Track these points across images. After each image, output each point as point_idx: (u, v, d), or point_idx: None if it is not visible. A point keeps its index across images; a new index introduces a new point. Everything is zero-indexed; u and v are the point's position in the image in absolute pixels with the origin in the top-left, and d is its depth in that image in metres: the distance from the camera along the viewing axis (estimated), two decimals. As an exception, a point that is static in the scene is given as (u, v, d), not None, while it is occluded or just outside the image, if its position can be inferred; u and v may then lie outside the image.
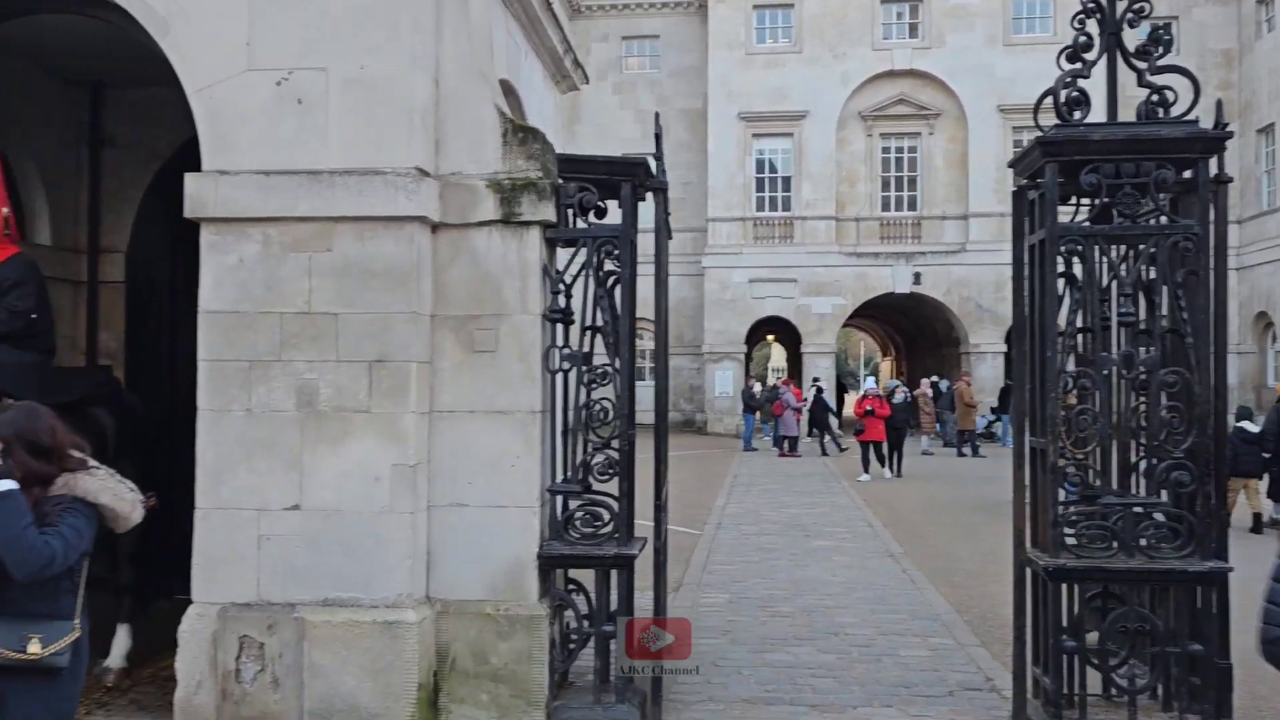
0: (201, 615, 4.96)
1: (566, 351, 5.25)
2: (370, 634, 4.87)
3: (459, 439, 5.14)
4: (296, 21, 4.98)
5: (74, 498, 3.25)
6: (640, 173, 5.28)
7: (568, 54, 7.80)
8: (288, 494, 4.96)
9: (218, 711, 4.92)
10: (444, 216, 5.11)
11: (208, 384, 5.02)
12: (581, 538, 5.23)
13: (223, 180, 4.99)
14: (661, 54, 31.78)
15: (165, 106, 8.23)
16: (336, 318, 4.96)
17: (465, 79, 5.21)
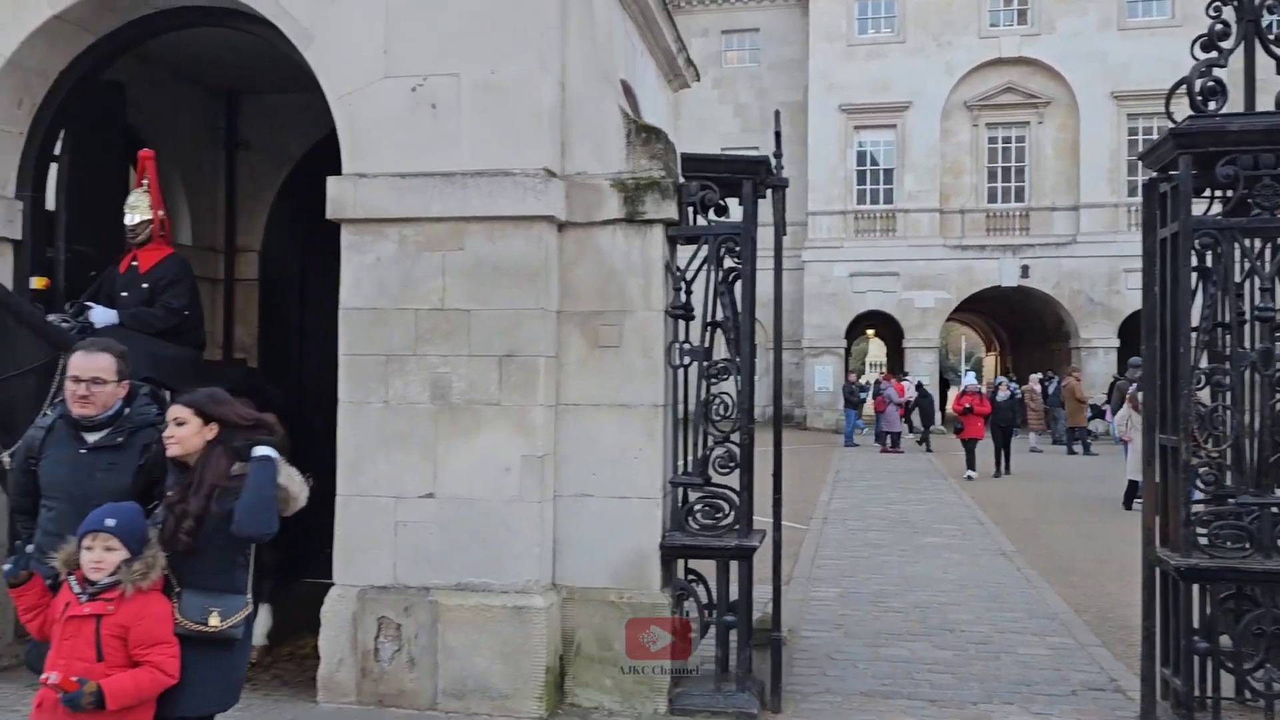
0: (342, 596, 5.22)
1: (688, 347, 5.36)
2: (500, 618, 5.06)
3: (584, 431, 5.29)
4: (430, 30, 5.19)
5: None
6: (762, 170, 5.34)
7: (681, 52, 7.89)
8: (423, 483, 5.18)
9: (358, 688, 5.18)
10: (570, 215, 5.26)
11: (347, 377, 5.27)
12: (702, 529, 5.34)
13: (361, 183, 5.23)
14: (761, 47, 31.64)
15: (295, 111, 8.64)
16: (468, 314, 5.16)
17: (590, 81, 5.35)
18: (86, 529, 3.15)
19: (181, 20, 5.81)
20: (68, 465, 3.51)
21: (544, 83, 5.13)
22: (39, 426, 3.62)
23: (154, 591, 3.18)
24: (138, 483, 3.48)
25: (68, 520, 3.40)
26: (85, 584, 3.15)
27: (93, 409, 3.48)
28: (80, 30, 5.75)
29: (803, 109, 30.38)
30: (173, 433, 3.33)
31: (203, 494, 3.25)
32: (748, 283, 5.32)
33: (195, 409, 3.35)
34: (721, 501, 5.35)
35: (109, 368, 3.51)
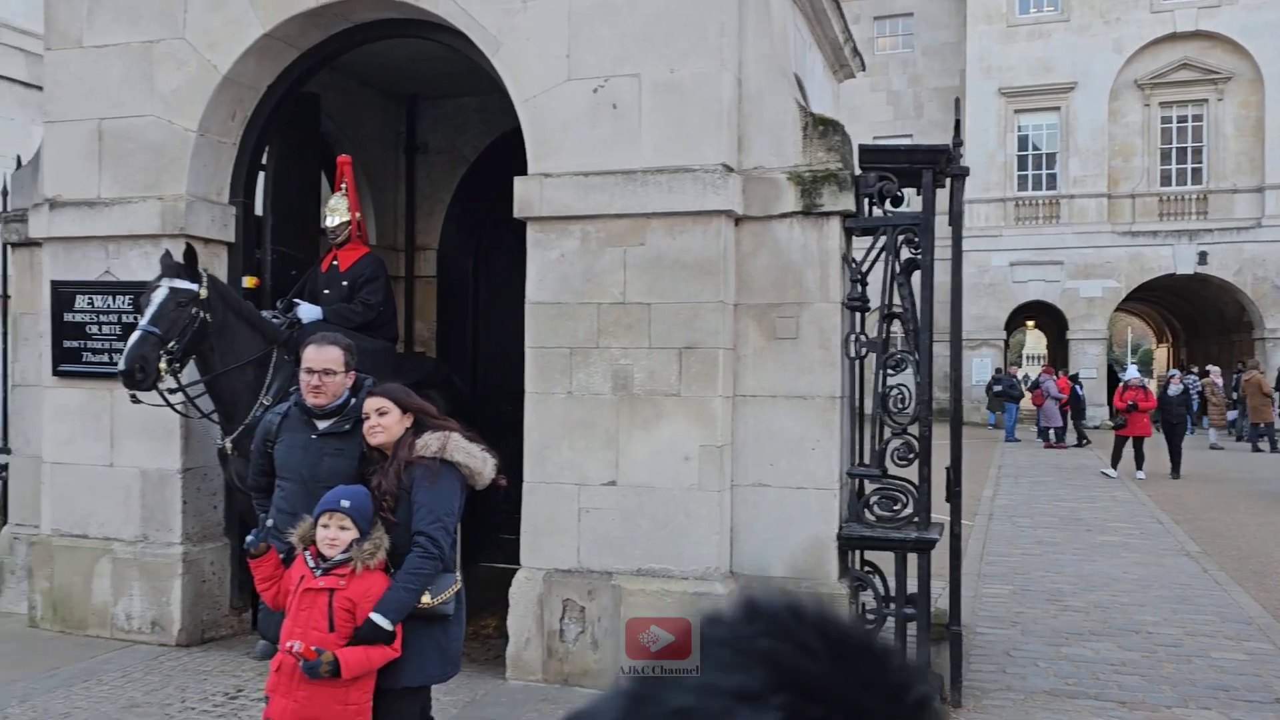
0: (529, 579, 5.46)
1: (864, 338, 5.36)
2: (681, 604, 5.19)
3: (760, 422, 5.37)
4: (611, 33, 5.35)
5: (442, 460, 3.50)
6: (942, 159, 5.29)
7: (847, 43, 7.85)
8: (604, 470, 5.36)
9: (543, 666, 5.41)
10: (747, 209, 5.34)
11: (533, 369, 5.50)
12: (879, 521, 5.34)
13: (546, 182, 5.44)
14: (915, 32, 30.84)
15: (470, 115, 9.04)
16: (649, 307, 5.30)
17: (767, 76, 5.40)
18: (323, 508, 3.40)
19: (378, 33, 6.16)
20: (300, 449, 3.79)
21: (722, 80, 5.22)
22: (275, 413, 3.92)
23: (379, 570, 3.42)
24: (360, 467, 3.73)
25: (299, 499, 3.69)
26: (319, 559, 3.40)
27: (324, 398, 3.74)
28: (287, 46, 6.17)
29: (959, 94, 29.47)
30: (376, 422, 3.54)
31: (394, 471, 3.47)
32: (927, 273, 5.27)
33: (395, 400, 3.57)
34: (899, 493, 5.34)
35: (338, 360, 3.78)
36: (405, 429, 3.55)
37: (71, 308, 6.33)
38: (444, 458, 3.49)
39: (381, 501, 3.48)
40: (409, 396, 3.61)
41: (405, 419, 3.56)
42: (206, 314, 5.21)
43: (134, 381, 5.04)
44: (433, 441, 3.51)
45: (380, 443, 3.55)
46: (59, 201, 6.37)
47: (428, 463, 3.48)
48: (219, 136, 6.27)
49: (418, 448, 3.50)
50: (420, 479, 3.46)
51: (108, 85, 6.28)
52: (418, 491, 3.45)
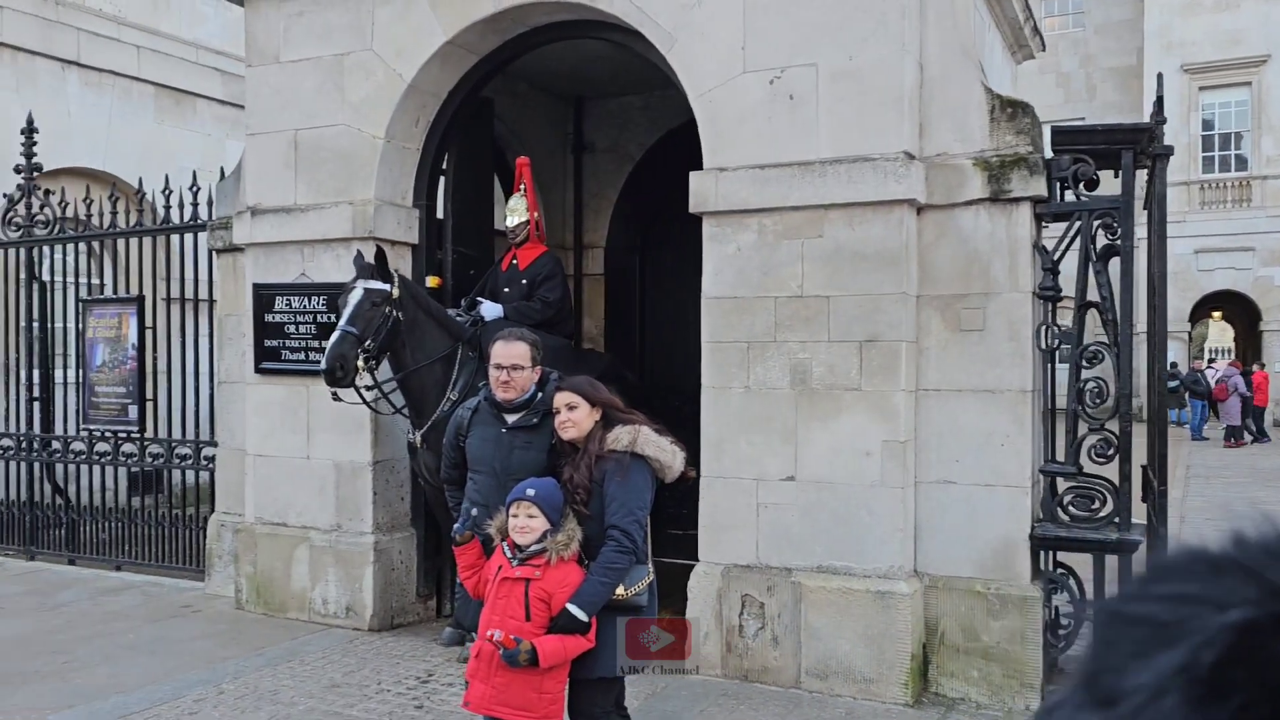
0: (707, 573, 5.46)
1: (1058, 329, 5.12)
2: (864, 602, 5.09)
3: (945, 417, 5.20)
4: (788, 23, 5.28)
5: (633, 454, 3.51)
6: (1144, 138, 4.99)
7: (1027, 21, 7.52)
8: (783, 465, 5.31)
9: (723, 662, 5.39)
10: (929, 198, 5.17)
11: (710, 363, 5.50)
12: (1074, 520, 5.09)
13: (722, 176, 5.42)
14: (1086, 9, 29.35)
15: (634, 113, 9.13)
16: (828, 300, 5.22)
17: (950, 59, 5.23)
18: (513, 497, 3.48)
19: (552, 35, 6.28)
20: (491, 443, 3.88)
21: (904, 64, 5.08)
22: (466, 407, 4.02)
23: (573, 561, 3.47)
24: (550, 460, 3.79)
25: (491, 491, 3.79)
26: (515, 549, 3.48)
27: (513, 393, 3.82)
28: (466, 53, 6.37)
29: (1135, 73, 27.88)
30: (566, 417, 3.59)
31: (585, 465, 3.52)
32: (1127, 260, 5.00)
33: (584, 395, 3.62)
34: (1096, 492, 5.08)
35: (525, 355, 3.85)
36: (595, 422, 3.60)
37: (271, 309, 6.72)
38: (635, 451, 3.51)
39: (574, 495, 3.52)
40: (597, 390, 3.65)
41: (594, 413, 3.61)
42: (399, 312, 5.43)
43: (335, 379, 5.30)
44: (624, 435, 3.54)
45: (571, 437, 3.61)
46: (259, 209, 6.77)
47: (619, 456, 3.51)
48: (404, 142, 6.53)
49: (608, 441, 3.54)
50: (612, 472, 3.50)
51: (302, 97, 6.63)
52: (609, 485, 3.49)
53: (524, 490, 3.49)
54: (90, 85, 11.94)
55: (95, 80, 11.98)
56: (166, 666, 5.66)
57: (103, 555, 8.32)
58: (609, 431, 3.57)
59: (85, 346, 8.37)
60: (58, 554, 8.56)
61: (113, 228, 8.22)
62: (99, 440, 8.28)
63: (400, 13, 6.30)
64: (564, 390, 3.65)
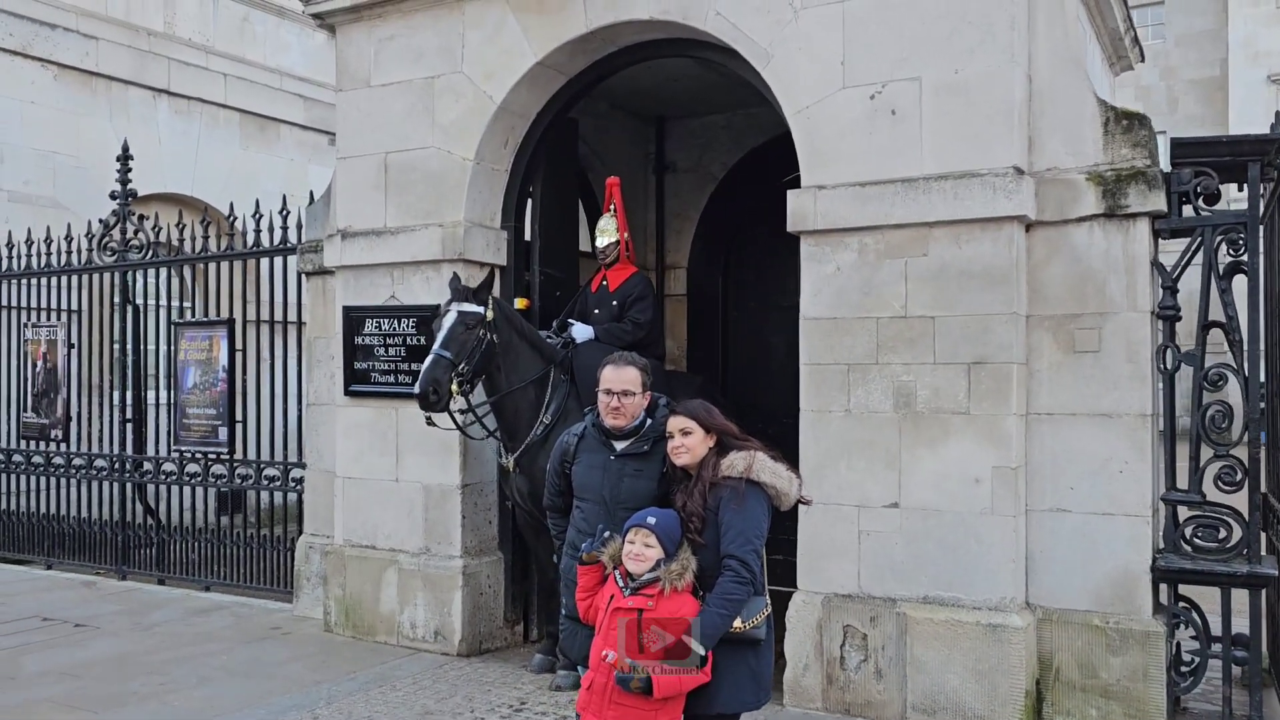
0: (807, 603, 5.29)
1: (1179, 350, 4.88)
2: (973, 635, 4.88)
3: (1058, 442, 4.98)
4: (889, 36, 5.14)
5: (748, 480, 3.39)
6: (1273, 150, 4.75)
7: (1128, 32, 7.28)
8: (886, 492, 5.13)
9: (823, 695, 5.22)
10: (1039, 214, 4.98)
11: (809, 386, 5.35)
12: (1199, 551, 4.83)
13: (820, 194, 5.29)
14: (1166, 21, 28.69)
15: (716, 132, 9.05)
16: (933, 320, 5.04)
17: (1061, 70, 5.04)
18: (631, 524, 3.39)
19: (642, 55, 6.22)
20: (599, 470, 3.74)
21: (1013, 77, 4.90)
22: (571, 433, 3.89)
23: (686, 592, 3.33)
24: (661, 488, 3.66)
25: (598, 520, 3.67)
26: (628, 578, 3.37)
27: (623, 419, 3.69)
28: (555, 74, 6.34)
29: (1220, 85, 27.15)
30: (681, 442, 3.49)
31: (699, 492, 3.41)
32: (1254, 277, 4.76)
33: (698, 420, 3.51)
34: (1222, 521, 4.81)
35: (636, 380, 3.72)
36: (709, 449, 3.49)
37: (361, 331, 6.74)
38: (750, 478, 3.40)
39: (688, 522, 3.41)
40: (712, 415, 3.54)
41: (709, 439, 3.50)
42: (493, 335, 5.38)
43: (429, 404, 5.26)
44: (739, 461, 3.43)
45: (685, 463, 3.50)
46: (349, 232, 6.81)
47: (733, 483, 3.40)
48: (493, 164, 6.51)
49: (723, 468, 3.44)
50: (727, 500, 3.38)
51: (392, 120, 6.66)
52: (725, 513, 3.37)
53: (644, 518, 3.40)
54: (179, 113, 12.24)
55: (184, 108, 12.27)
56: (261, 690, 5.65)
57: (192, 575, 8.41)
58: (723, 458, 3.47)
59: (177, 368, 8.50)
60: (148, 573, 8.68)
61: (204, 251, 8.36)
62: (189, 461, 8.39)
63: (491, 35, 6.30)
64: (679, 415, 3.54)
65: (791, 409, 5.52)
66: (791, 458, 5.44)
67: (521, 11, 6.18)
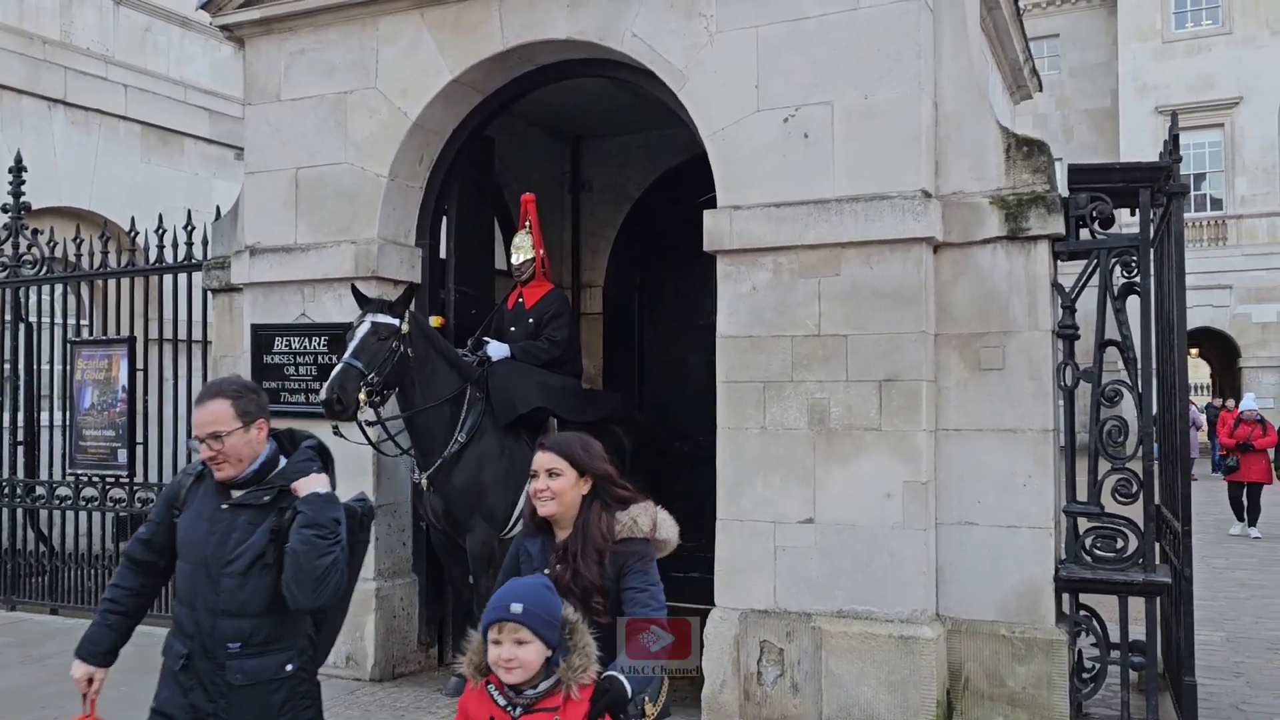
0: (724, 619, 5.33)
1: (1078, 368, 5.07)
2: (886, 647, 4.97)
3: (965, 457, 5.12)
4: (802, 62, 5.26)
5: (647, 540, 2.86)
6: (1161, 177, 4.99)
7: (1026, 62, 7.59)
8: (802, 508, 5.20)
9: (741, 710, 5.25)
10: (946, 236, 5.14)
11: (725, 403, 5.40)
12: (1099, 561, 5.01)
13: (736, 214, 5.37)
14: (1061, 53, 29.91)
15: (632, 152, 9.10)
16: (845, 339, 5.15)
17: (965, 98, 5.22)
18: (491, 618, 2.49)
19: (560, 74, 6.24)
20: (205, 522, 2.94)
21: (921, 103, 5.06)
22: (188, 473, 3.11)
23: (591, 688, 2.53)
24: (269, 546, 2.87)
25: (196, 586, 2.92)
26: (509, 692, 2.51)
27: (229, 469, 2.89)
28: (472, 91, 6.31)
29: (1111, 115, 28.40)
30: (546, 485, 2.84)
31: (595, 559, 2.81)
32: (1146, 299, 4.97)
33: (572, 459, 2.89)
34: (1119, 532, 5.01)
35: (226, 415, 2.87)
36: (582, 496, 2.88)
37: (270, 350, 6.58)
38: (656, 537, 2.89)
39: (590, 602, 2.77)
40: (590, 454, 2.92)
41: (582, 483, 2.88)
42: (408, 349, 5.30)
43: (333, 411, 5.14)
44: (642, 518, 2.88)
45: (551, 513, 2.86)
46: (258, 248, 6.65)
47: (640, 546, 2.84)
48: (407, 181, 6.44)
49: (623, 527, 2.85)
50: (635, 567, 2.81)
51: (303, 135, 6.54)
52: (632, 579, 2.80)
53: (505, 604, 2.49)
54: (77, 124, 11.80)
55: (82, 119, 11.84)
56: (162, 721, 5.43)
57: (88, 604, 8.05)
58: (610, 512, 2.88)
59: (73, 389, 8.17)
60: (40, 603, 8.30)
61: (104, 267, 8.07)
62: (86, 485, 8.06)
63: (406, 51, 6.24)
64: (547, 450, 2.93)
65: (708, 427, 5.57)
66: (709, 475, 5.55)
67: (437, 28, 6.14)
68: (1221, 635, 7.44)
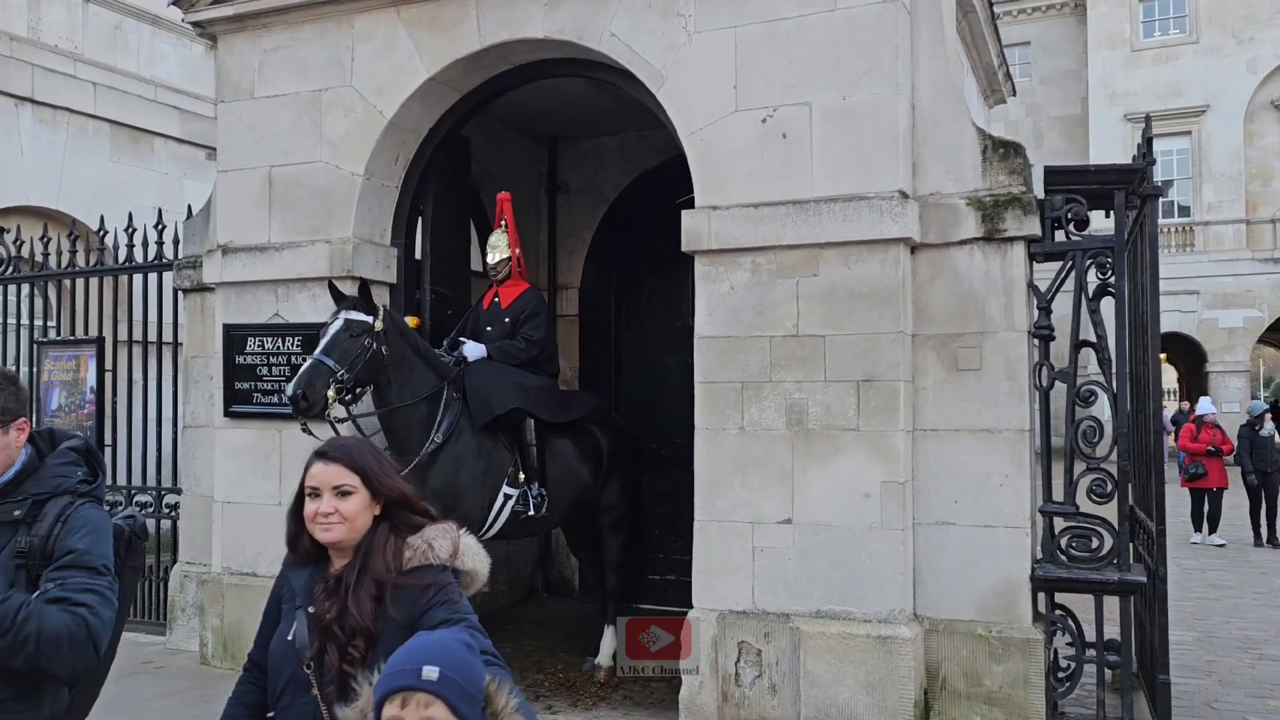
0: (702, 620, 5.31)
1: (1053, 368, 5.10)
2: (864, 647, 4.97)
3: (942, 457, 5.14)
4: (780, 62, 5.26)
5: (445, 568, 2.23)
6: (1135, 179, 5.03)
7: (1001, 67, 7.65)
8: (780, 508, 5.20)
9: (719, 712, 5.23)
10: (924, 237, 5.15)
11: (704, 404, 5.39)
12: (1074, 561, 5.04)
13: (714, 215, 5.36)
14: (1032, 61, 30.19)
15: (609, 154, 9.08)
16: (824, 339, 5.15)
17: (942, 100, 5.24)
18: (393, 686, 1.72)
19: (537, 73, 6.20)
20: None
21: (898, 104, 5.07)
22: None
23: None
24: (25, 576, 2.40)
25: None
26: None
27: None
28: (449, 90, 6.27)
29: (1081, 122, 28.71)
30: (334, 507, 2.23)
31: (369, 594, 2.18)
32: (1121, 300, 5.01)
33: (365, 473, 2.26)
34: (1094, 532, 5.03)
35: None
36: (373, 517, 2.28)
37: (243, 350, 6.50)
38: (458, 566, 2.26)
39: (348, 647, 2.14)
40: (383, 469, 2.31)
41: (373, 505, 2.27)
42: (383, 347, 5.24)
43: (299, 408, 5.05)
44: (440, 540, 2.25)
45: (337, 540, 2.24)
46: (231, 247, 6.57)
47: (438, 577, 2.20)
48: (383, 180, 6.39)
49: (417, 550, 2.22)
50: (437, 598, 2.17)
51: (277, 134, 6.47)
52: (438, 615, 2.13)
53: (414, 670, 1.72)
54: (45, 122, 11.62)
55: (49, 117, 11.67)
56: (131, 728, 5.35)
57: (54, 609, 7.91)
58: (400, 536, 2.25)
59: (40, 390, 8.04)
60: (5, 608, 8.13)
61: (72, 267, 7.95)
62: (53, 488, 7.91)
63: (381, 50, 6.19)
64: (333, 463, 2.26)
65: (684, 430, 5.55)
66: (686, 477, 5.53)
67: (414, 26, 6.10)
68: (1193, 635, 7.51)
